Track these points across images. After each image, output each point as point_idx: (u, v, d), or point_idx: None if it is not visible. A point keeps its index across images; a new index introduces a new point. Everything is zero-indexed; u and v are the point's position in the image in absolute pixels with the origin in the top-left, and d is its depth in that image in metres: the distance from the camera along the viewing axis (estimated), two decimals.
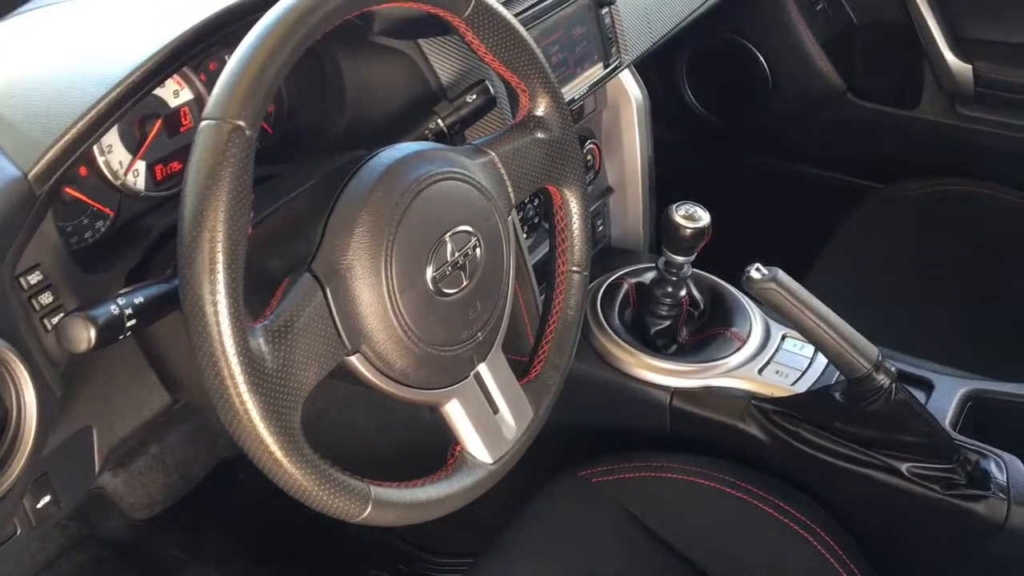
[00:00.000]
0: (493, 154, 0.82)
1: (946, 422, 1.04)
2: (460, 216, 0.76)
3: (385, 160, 0.73)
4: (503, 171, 0.82)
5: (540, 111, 0.86)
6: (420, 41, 0.97)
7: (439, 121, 0.92)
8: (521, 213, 1.16)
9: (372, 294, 0.70)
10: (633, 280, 1.23)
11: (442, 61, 0.98)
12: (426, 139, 0.92)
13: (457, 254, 0.75)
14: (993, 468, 0.97)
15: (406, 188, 0.72)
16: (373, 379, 0.72)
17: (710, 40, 1.82)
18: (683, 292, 1.18)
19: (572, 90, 1.13)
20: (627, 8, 1.21)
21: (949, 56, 1.65)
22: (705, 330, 1.20)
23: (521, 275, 1.10)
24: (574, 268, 0.91)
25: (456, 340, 0.76)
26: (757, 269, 0.96)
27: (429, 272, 0.73)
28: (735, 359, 1.13)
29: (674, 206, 1.11)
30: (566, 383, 0.93)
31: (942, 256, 1.54)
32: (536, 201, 1.20)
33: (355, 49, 0.95)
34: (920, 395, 1.08)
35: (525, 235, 1.17)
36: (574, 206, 0.90)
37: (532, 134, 0.85)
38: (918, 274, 1.51)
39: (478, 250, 0.77)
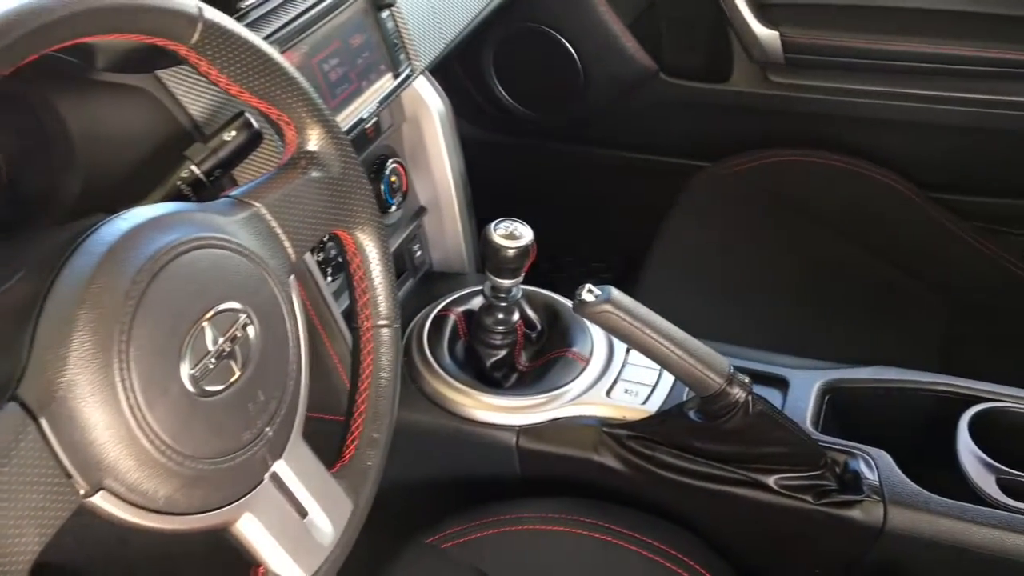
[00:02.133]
0: (258, 205, 0.67)
1: (807, 422, 0.97)
2: (219, 292, 0.61)
3: (106, 237, 0.57)
4: (274, 224, 0.68)
5: (312, 145, 0.72)
6: (159, 72, 0.80)
7: (193, 168, 0.76)
8: (321, 254, 1.01)
9: (107, 414, 0.54)
10: (460, 309, 1.11)
11: (190, 93, 0.82)
12: (180, 191, 0.76)
13: (221, 340, 0.60)
14: (863, 468, 0.91)
15: (138, 270, 0.57)
16: (128, 517, 0.56)
17: (513, 31, 1.72)
18: (516, 316, 1.06)
19: (359, 108, 0.99)
20: (411, 9, 1.08)
21: (754, 24, 1.61)
22: (545, 353, 1.10)
23: (329, 327, 0.96)
24: (381, 322, 0.77)
25: (237, 445, 0.61)
26: (589, 290, 0.85)
27: (185, 371, 0.58)
28: (580, 384, 1.02)
29: (492, 225, 1.00)
30: (397, 437, 0.80)
31: (775, 232, 1.50)
32: None
33: (76, 91, 0.78)
34: (776, 396, 1.01)
35: (330, 278, 1.02)
36: (371, 250, 0.77)
37: (306, 174, 0.71)
38: (754, 254, 1.47)
39: (250, 328, 0.62)
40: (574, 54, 1.71)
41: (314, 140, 0.72)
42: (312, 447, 0.71)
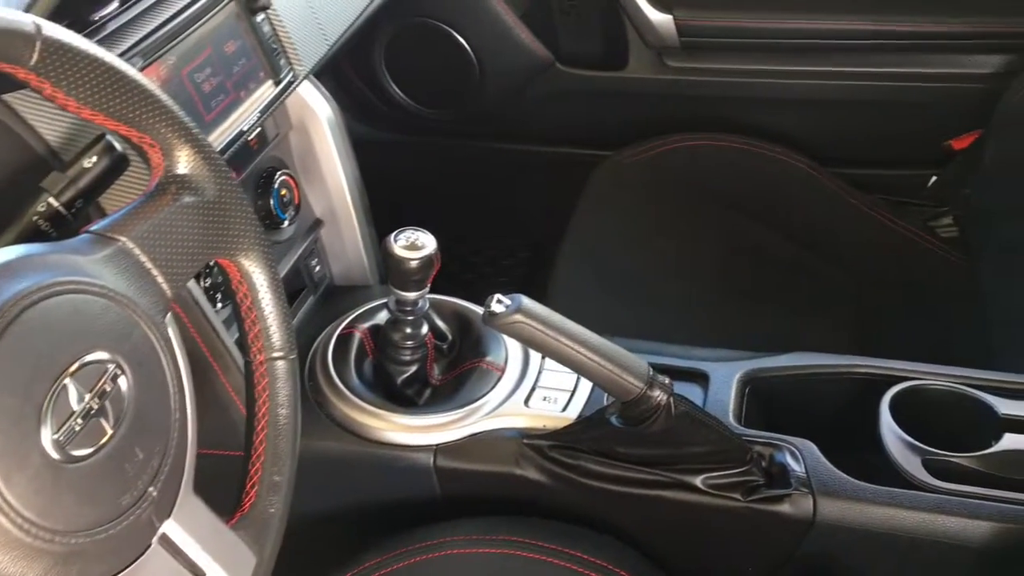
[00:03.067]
0: (124, 239, 0.60)
1: (729, 415, 0.95)
2: (82, 343, 0.54)
3: None
4: (144, 258, 0.61)
5: (181, 168, 0.65)
6: (5, 96, 0.72)
7: (51, 200, 0.69)
8: (208, 279, 0.94)
9: None
10: (365, 325, 1.05)
11: (44, 116, 0.74)
12: (37, 228, 0.68)
13: (88, 397, 0.53)
14: (790, 460, 0.89)
15: None
16: None
17: (403, 28, 1.66)
18: (424, 329, 1.01)
19: (239, 120, 0.92)
20: (289, 11, 1.01)
21: (647, 9, 1.58)
22: (458, 364, 1.05)
23: (221, 359, 0.89)
24: (275, 354, 0.71)
25: (115, 511, 0.55)
26: (498, 301, 0.81)
27: (46, 436, 0.51)
28: (497, 395, 0.98)
29: (392, 236, 0.94)
30: (305, 468, 0.75)
31: (683, 219, 1.48)
32: None
33: None
34: (697, 391, 0.98)
35: (220, 305, 0.95)
36: (258, 277, 0.70)
37: (177, 200, 0.64)
38: (664, 243, 1.45)
39: (121, 380, 0.56)
40: (467, 48, 1.66)
41: (183, 162, 0.65)
42: (212, 490, 0.65)
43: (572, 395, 0.98)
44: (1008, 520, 0.81)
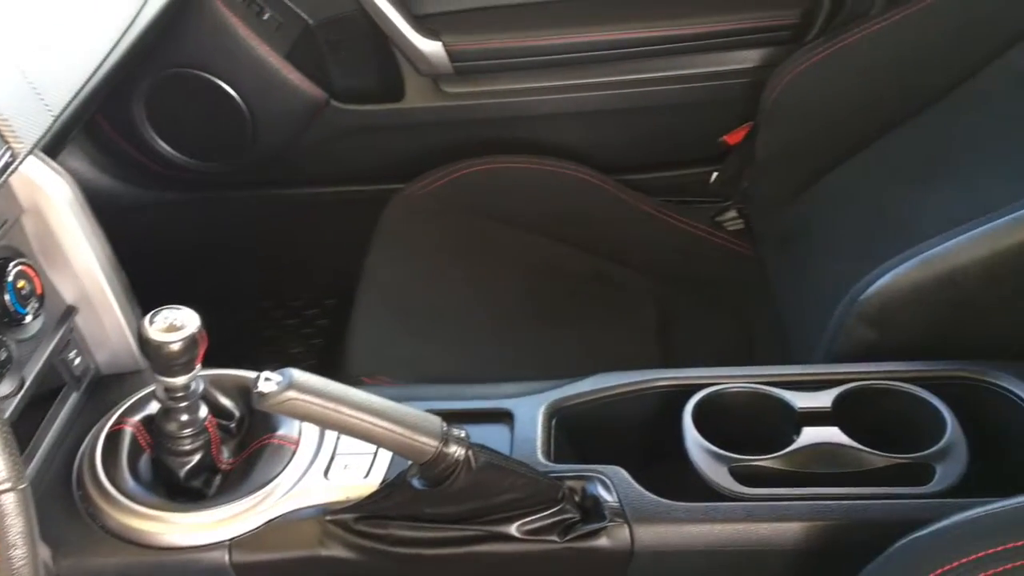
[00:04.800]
0: None
1: (538, 452, 0.91)
2: None
3: None
4: None
5: None
6: None
7: None
8: None
9: None
10: (137, 418, 0.95)
11: None
12: None
13: None
14: (601, 491, 0.86)
15: None
16: None
17: (160, 80, 1.55)
18: (203, 412, 0.92)
19: None
20: None
21: (415, 38, 1.55)
22: (249, 442, 0.96)
23: None
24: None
25: None
26: (266, 379, 0.74)
27: None
28: (292, 471, 0.90)
29: (147, 319, 0.85)
30: None
31: (480, 248, 1.45)
32: None
33: None
34: (504, 432, 0.94)
35: None
36: None
37: None
38: (464, 276, 1.41)
39: None
40: (234, 95, 1.58)
41: None
42: None
43: (374, 458, 0.91)
44: (816, 517, 0.81)
